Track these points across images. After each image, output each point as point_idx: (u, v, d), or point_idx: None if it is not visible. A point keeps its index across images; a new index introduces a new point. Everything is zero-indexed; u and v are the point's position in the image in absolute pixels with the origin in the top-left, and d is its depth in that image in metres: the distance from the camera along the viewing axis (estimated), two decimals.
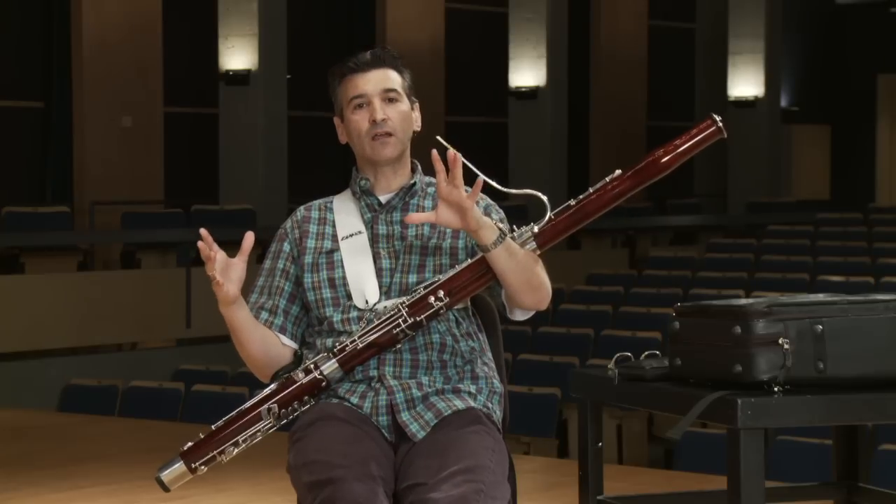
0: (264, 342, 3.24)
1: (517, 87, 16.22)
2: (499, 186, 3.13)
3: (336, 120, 3.32)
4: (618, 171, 3.16)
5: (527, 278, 3.11)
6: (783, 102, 18.82)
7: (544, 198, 3.14)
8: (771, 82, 18.02)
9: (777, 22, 18.11)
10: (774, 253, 13.16)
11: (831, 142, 20.42)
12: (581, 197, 3.16)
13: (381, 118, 3.21)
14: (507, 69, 16.27)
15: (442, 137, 3.25)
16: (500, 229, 3.08)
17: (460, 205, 3.03)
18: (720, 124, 3.13)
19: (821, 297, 3.00)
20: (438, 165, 3.04)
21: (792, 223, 15.43)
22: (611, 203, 3.13)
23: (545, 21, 16.05)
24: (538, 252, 3.15)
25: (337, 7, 15.78)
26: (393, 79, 3.26)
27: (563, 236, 3.17)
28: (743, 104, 17.94)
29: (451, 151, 3.03)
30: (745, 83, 17.98)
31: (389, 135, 3.22)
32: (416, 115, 3.31)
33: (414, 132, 3.30)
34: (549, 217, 3.14)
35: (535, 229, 3.14)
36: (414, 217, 3.13)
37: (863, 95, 20.17)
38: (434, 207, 3.19)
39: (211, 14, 13.92)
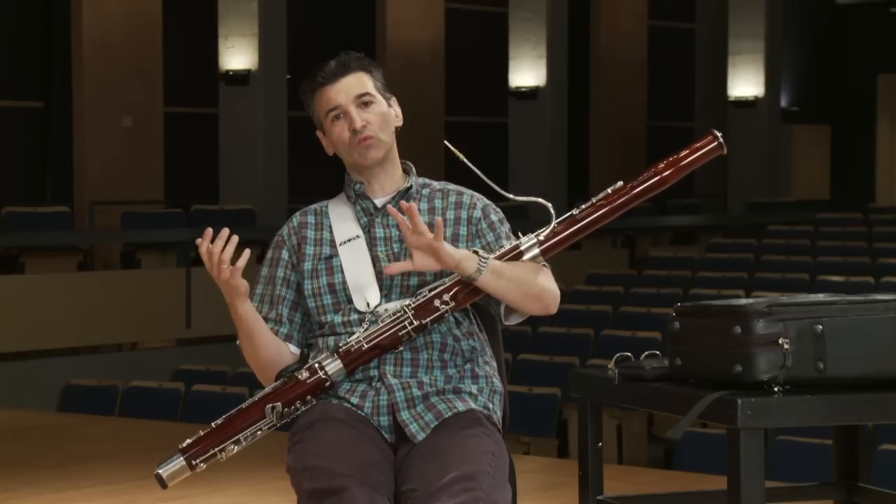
0: (278, 350, 3.24)
1: (517, 87, 16.22)
2: (504, 193, 3.16)
3: (319, 134, 3.32)
4: (619, 183, 3.19)
5: (524, 291, 3.13)
6: (783, 102, 18.82)
7: (549, 205, 3.16)
8: (771, 82, 18.02)
9: (777, 22, 18.11)
10: (774, 253, 13.16)
11: (831, 142, 20.41)
12: (584, 206, 3.19)
13: (360, 125, 3.21)
14: (506, 69, 16.26)
15: (442, 138, 3.26)
16: (478, 255, 3.08)
17: (430, 247, 3.05)
18: (721, 140, 3.18)
19: (821, 297, 3.00)
20: (398, 218, 3.07)
21: (792, 223, 15.43)
22: (613, 214, 3.18)
23: (545, 21, 16.05)
24: (541, 260, 3.16)
25: (337, 7, 15.77)
26: (363, 82, 3.25)
27: (566, 245, 3.20)
28: (743, 104, 17.93)
29: (405, 204, 3.07)
30: (745, 83, 17.98)
31: (370, 137, 3.22)
32: (395, 111, 3.30)
33: (396, 128, 3.30)
34: (554, 226, 3.17)
35: (541, 237, 3.16)
36: (392, 268, 3.12)
37: (863, 95, 20.17)
38: (429, 210, 3.25)
39: (211, 14, 13.92)
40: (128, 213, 12.73)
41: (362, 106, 3.23)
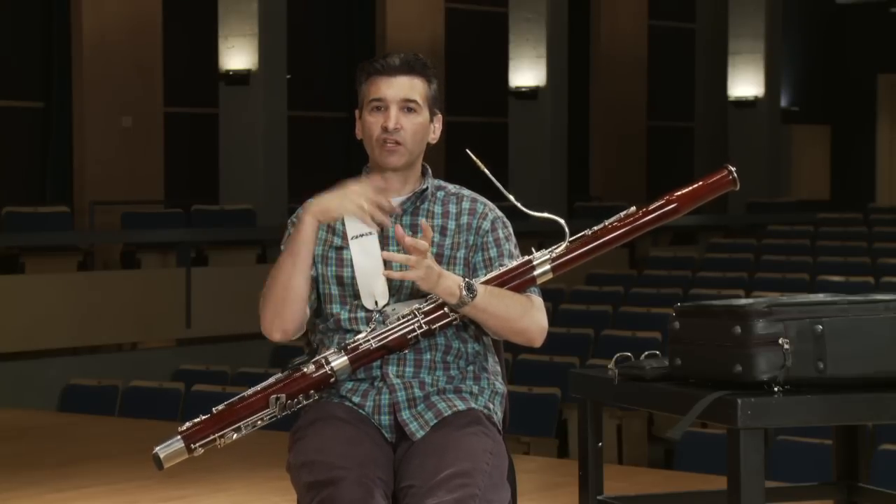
0: (305, 295, 3.18)
1: (517, 87, 16.21)
2: (520, 206, 3.19)
3: (357, 113, 3.32)
4: (633, 208, 3.24)
5: (507, 326, 3.19)
6: (783, 102, 18.81)
7: (562, 222, 3.21)
8: (771, 82, 18.01)
9: (777, 22, 18.10)
10: (774, 253, 13.16)
11: (831, 142, 20.41)
12: (596, 228, 3.24)
13: (394, 127, 3.20)
14: (506, 69, 16.26)
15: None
16: (460, 292, 3.09)
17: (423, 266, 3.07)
18: (734, 175, 3.24)
19: (821, 297, 3.00)
20: (405, 242, 3.07)
21: (792, 223, 15.43)
22: (624, 238, 3.25)
23: (545, 21, 16.03)
24: (552, 276, 3.20)
25: (337, 7, 15.77)
26: (416, 88, 3.24)
27: (576, 264, 3.25)
28: (743, 104, 17.93)
29: (424, 223, 3.09)
30: (745, 83, 17.97)
31: (398, 144, 3.21)
32: (436, 127, 3.30)
33: (429, 143, 3.29)
34: (566, 244, 3.21)
35: (554, 254, 3.20)
36: (393, 275, 3.13)
37: (863, 95, 20.17)
38: (443, 214, 3.26)
39: (211, 14, 13.91)
40: (128, 213, 12.72)
41: (405, 110, 3.22)
